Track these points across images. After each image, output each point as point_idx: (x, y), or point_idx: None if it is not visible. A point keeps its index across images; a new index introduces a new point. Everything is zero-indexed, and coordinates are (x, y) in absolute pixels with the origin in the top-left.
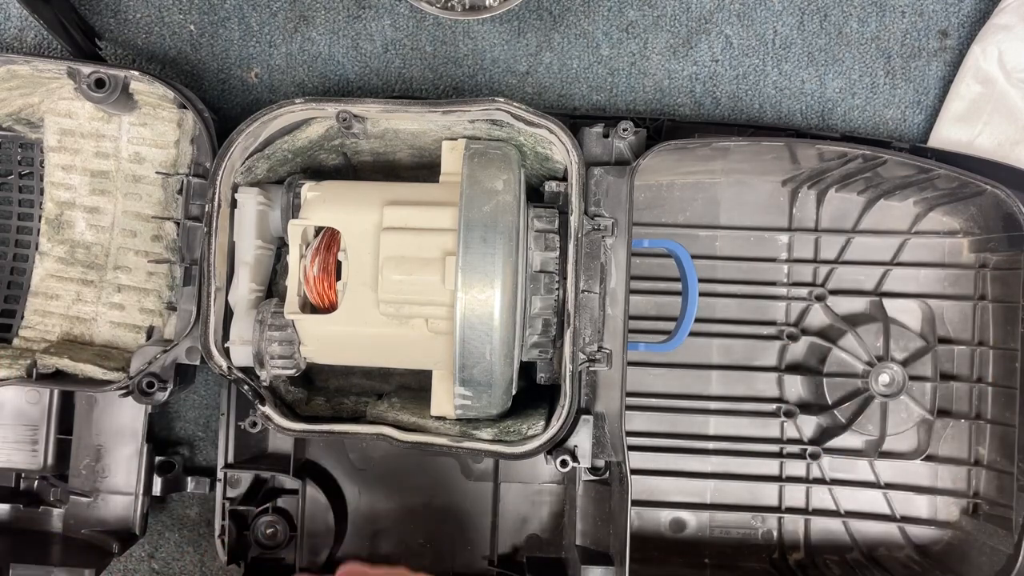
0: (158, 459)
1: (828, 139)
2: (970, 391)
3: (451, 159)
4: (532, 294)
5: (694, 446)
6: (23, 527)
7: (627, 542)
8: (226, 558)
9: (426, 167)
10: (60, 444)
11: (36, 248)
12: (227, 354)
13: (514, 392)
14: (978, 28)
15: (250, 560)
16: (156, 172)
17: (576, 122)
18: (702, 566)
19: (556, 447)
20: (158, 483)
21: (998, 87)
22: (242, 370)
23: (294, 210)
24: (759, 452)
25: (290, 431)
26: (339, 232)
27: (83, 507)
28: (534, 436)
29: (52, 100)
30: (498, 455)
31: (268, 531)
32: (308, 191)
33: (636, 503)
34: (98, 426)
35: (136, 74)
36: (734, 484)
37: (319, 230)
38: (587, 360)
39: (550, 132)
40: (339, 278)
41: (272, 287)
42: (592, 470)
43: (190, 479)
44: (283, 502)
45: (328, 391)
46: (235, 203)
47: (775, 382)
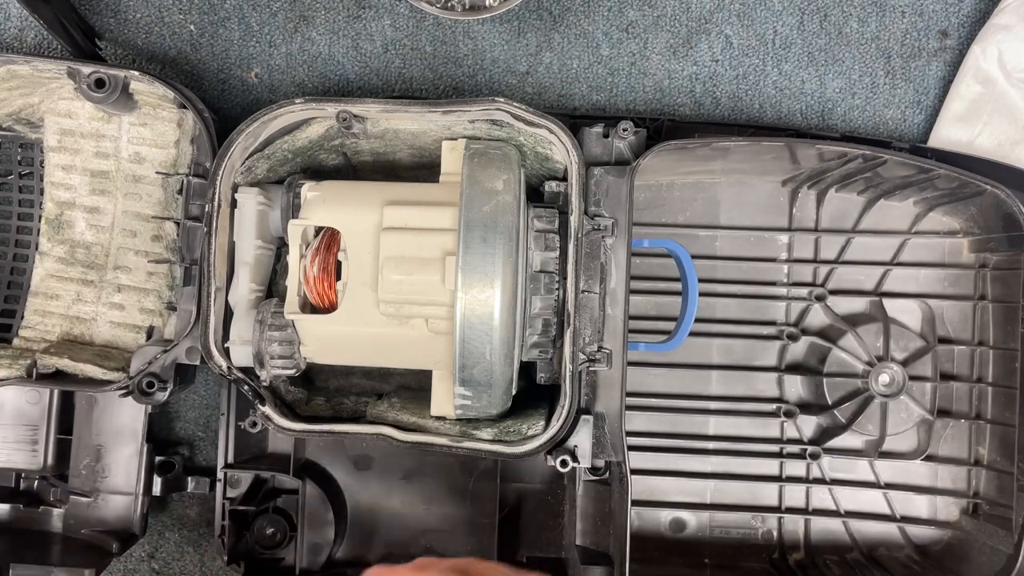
0: (158, 459)
1: (828, 139)
2: (970, 391)
3: (451, 159)
4: (532, 294)
5: (694, 446)
6: (23, 527)
7: (627, 542)
8: (226, 558)
9: (426, 167)
10: (60, 444)
11: (36, 248)
12: (227, 354)
13: (514, 392)
14: (978, 28)
15: (250, 560)
16: (156, 172)
17: (576, 122)
18: (702, 566)
19: (556, 447)
20: (158, 483)
21: (998, 87)
22: (242, 370)
23: (294, 210)
24: (759, 452)
25: (290, 431)
26: (339, 232)
27: (83, 507)
28: (534, 436)
29: (52, 100)
30: (498, 455)
31: (268, 531)
32: (308, 191)
33: (636, 503)
34: (98, 426)
35: (136, 74)
36: (734, 484)
37: (319, 230)
38: (587, 360)
39: (550, 132)
40: (339, 278)
41: (272, 287)
42: (592, 470)
43: (190, 479)
44: (283, 502)
45: (328, 391)
46: (235, 203)
47: (775, 382)
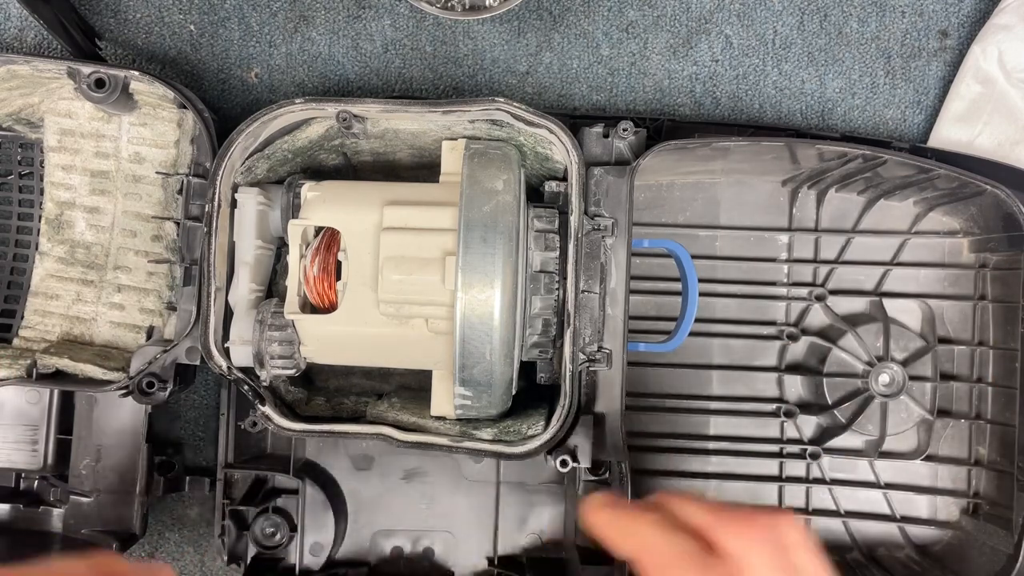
0: (158, 459)
1: (828, 139)
2: (970, 391)
3: (451, 159)
4: (532, 294)
5: (694, 446)
6: (23, 527)
7: None
8: (226, 558)
9: (426, 167)
10: (60, 444)
11: (36, 248)
12: (227, 354)
13: (514, 392)
14: (978, 28)
15: (250, 560)
16: (156, 172)
17: (576, 122)
18: None
19: (556, 447)
20: (158, 483)
21: (998, 87)
22: (242, 370)
23: (294, 210)
24: (759, 452)
25: (290, 431)
26: (339, 232)
27: (83, 507)
28: (534, 436)
29: (52, 100)
30: (498, 455)
31: (268, 531)
32: (308, 191)
33: None
34: (98, 426)
35: (136, 74)
36: (734, 484)
37: (319, 230)
38: (587, 360)
39: (550, 132)
40: (339, 278)
41: (272, 287)
42: (592, 470)
43: (190, 479)
44: (283, 502)
45: (328, 391)
46: (235, 203)
47: (775, 382)
